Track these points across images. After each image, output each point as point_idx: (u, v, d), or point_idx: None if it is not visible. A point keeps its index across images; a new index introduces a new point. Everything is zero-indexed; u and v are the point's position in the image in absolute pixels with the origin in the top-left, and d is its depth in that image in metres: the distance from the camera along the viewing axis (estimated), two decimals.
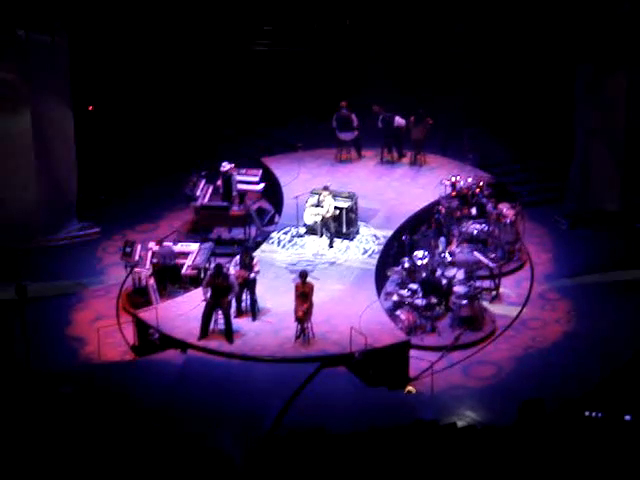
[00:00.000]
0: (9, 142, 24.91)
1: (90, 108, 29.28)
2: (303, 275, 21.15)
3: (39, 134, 25.02)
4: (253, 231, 25.67)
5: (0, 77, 24.44)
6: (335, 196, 24.85)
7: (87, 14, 27.02)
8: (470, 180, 26.13)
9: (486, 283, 23.74)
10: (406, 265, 23.09)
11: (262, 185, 26.93)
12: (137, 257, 23.31)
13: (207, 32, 30.65)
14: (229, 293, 21.04)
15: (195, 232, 25.80)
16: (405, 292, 22.44)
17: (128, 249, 23.44)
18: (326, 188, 24.67)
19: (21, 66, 24.51)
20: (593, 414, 15.17)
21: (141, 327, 21.41)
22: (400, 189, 26.96)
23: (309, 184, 26.30)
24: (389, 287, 23.56)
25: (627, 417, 14.85)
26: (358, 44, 31.24)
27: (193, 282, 23.07)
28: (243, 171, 26.85)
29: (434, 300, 22.35)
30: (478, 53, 30.20)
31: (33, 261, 24.73)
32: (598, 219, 25.98)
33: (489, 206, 25.17)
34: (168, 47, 30.36)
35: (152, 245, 23.62)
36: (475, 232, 24.48)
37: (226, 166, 26.06)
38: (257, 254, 23.32)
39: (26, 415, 17.80)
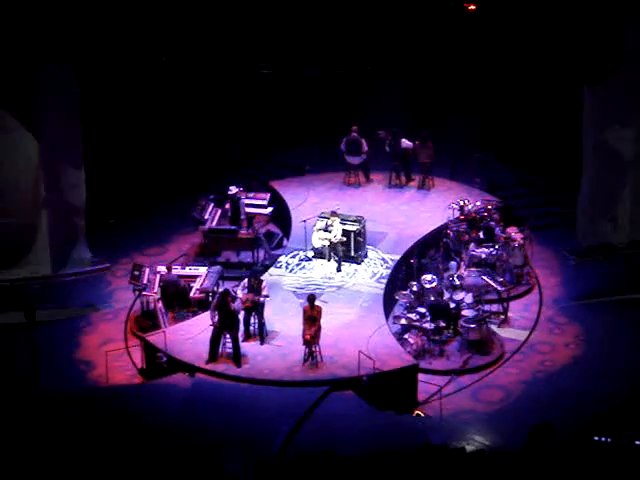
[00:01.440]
0: (17, 165, 24.92)
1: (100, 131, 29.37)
2: (311, 299, 21.16)
3: (48, 159, 25.04)
4: (261, 255, 25.68)
5: (8, 102, 24.50)
6: (343, 220, 24.87)
7: (96, 39, 27.11)
8: (478, 204, 26.15)
9: (494, 307, 23.72)
10: (414, 289, 23.07)
11: (270, 209, 26.96)
12: (145, 281, 23.34)
13: (215, 56, 30.76)
14: (237, 317, 21.05)
15: (203, 255, 25.82)
16: (413, 316, 22.41)
17: (136, 272, 23.47)
18: (334, 213, 24.69)
19: (30, 91, 24.55)
20: (603, 439, 15.11)
21: (149, 350, 21.41)
22: (408, 213, 26.97)
23: (317, 208, 26.33)
24: (397, 311, 23.54)
25: (638, 442, 14.79)
26: (366, 68, 31.33)
27: (201, 306, 23.07)
28: (251, 195, 26.90)
29: (442, 324, 22.32)
30: (487, 77, 30.24)
31: (42, 288, 24.72)
32: (605, 254, 25.65)
33: (497, 230, 25.17)
34: (177, 71, 30.46)
35: (161, 269, 23.65)
36: (483, 256, 24.47)
37: (234, 190, 26.11)
38: (265, 278, 23.33)
39: (33, 437, 17.79)
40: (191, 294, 23.25)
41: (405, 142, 27.98)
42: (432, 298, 22.77)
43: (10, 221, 24.91)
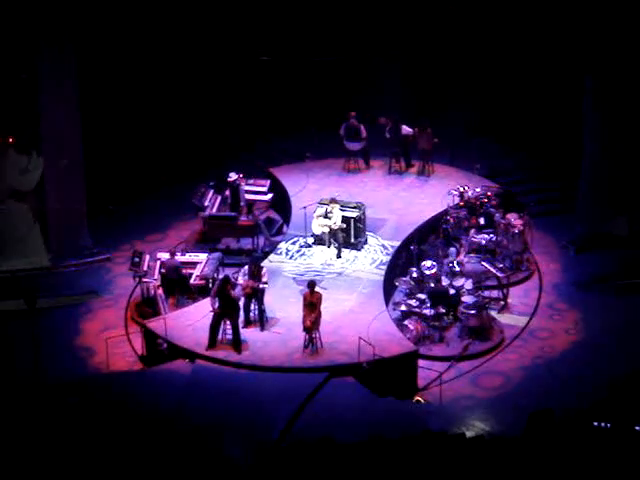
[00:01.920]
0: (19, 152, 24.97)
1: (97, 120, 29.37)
2: (311, 285, 21.17)
3: (48, 145, 25.05)
4: (261, 241, 25.69)
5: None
6: (343, 206, 24.87)
7: (95, 24, 27.07)
8: (478, 190, 26.15)
9: (494, 293, 23.74)
10: (414, 275, 23.09)
11: (270, 195, 26.96)
12: (146, 267, 23.35)
13: (215, 42, 30.69)
14: (237, 303, 21.08)
15: (203, 242, 25.82)
16: (413, 302, 22.44)
17: (137, 259, 23.48)
18: (334, 200, 24.68)
19: (30, 78, 24.55)
20: (602, 424, 15.15)
21: (149, 337, 21.44)
22: (408, 199, 26.96)
23: (317, 194, 26.33)
24: (397, 297, 23.57)
25: (637, 427, 14.83)
26: (366, 54, 31.27)
27: (201, 292, 23.09)
28: (251, 181, 26.91)
29: (442, 310, 22.35)
30: (486, 61, 30.17)
31: (42, 278, 24.73)
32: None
33: (497, 216, 25.17)
34: (176, 58, 30.40)
35: (163, 255, 23.67)
36: (483, 242, 24.48)
37: (234, 176, 26.11)
38: (265, 264, 23.34)
39: (34, 424, 17.83)
40: (191, 281, 23.28)
41: (405, 129, 27.95)
42: (432, 284, 22.79)
43: (8, 209, 24.95)
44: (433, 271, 23.03)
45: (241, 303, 21.45)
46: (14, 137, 25.05)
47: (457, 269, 23.42)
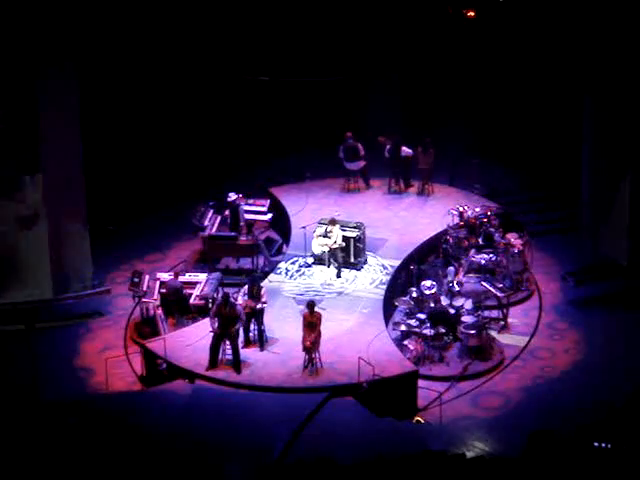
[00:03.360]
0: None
1: (99, 139, 29.40)
2: (311, 305, 21.17)
3: (48, 164, 25.00)
4: (261, 261, 25.68)
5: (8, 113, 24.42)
6: (343, 226, 24.89)
7: (96, 44, 27.12)
8: (478, 210, 26.15)
9: (494, 313, 23.71)
10: (414, 295, 23.08)
11: (270, 215, 26.98)
12: (145, 287, 23.35)
13: (214, 61, 30.76)
14: (236, 323, 21.06)
15: (203, 262, 25.83)
16: (413, 322, 22.42)
17: (136, 279, 23.48)
18: (333, 221, 24.69)
19: (30, 102, 24.49)
20: (603, 445, 15.10)
21: (149, 357, 21.42)
22: (408, 219, 26.98)
23: (317, 214, 26.35)
24: (397, 317, 23.55)
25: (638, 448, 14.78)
26: (365, 74, 31.34)
27: (201, 312, 23.08)
28: (251, 201, 26.93)
29: (442, 330, 22.32)
30: (486, 82, 30.25)
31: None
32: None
33: (497, 236, 25.17)
34: (177, 77, 30.48)
35: (162, 275, 23.65)
36: (483, 262, 24.46)
37: (233, 196, 26.14)
38: (265, 284, 23.33)
39: (33, 444, 17.78)
40: (191, 301, 23.27)
41: (405, 150, 28.01)
42: (432, 304, 22.78)
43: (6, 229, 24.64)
44: (433, 291, 23.01)
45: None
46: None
47: (456, 289, 23.41)
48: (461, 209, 25.99)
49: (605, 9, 24.10)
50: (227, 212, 26.26)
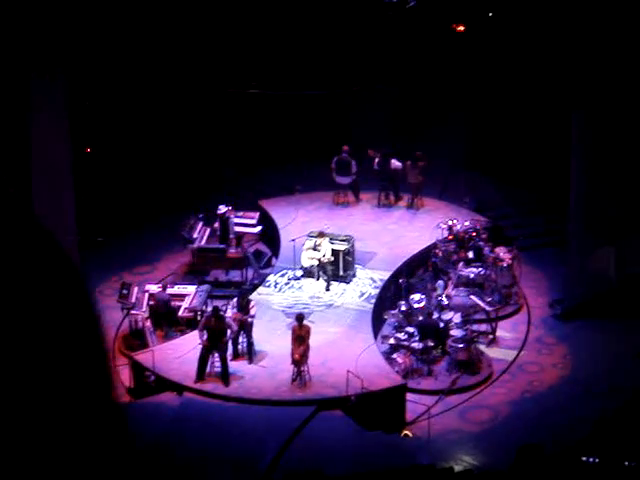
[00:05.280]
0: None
1: (87, 150, 29.36)
2: (300, 318, 21.15)
3: (38, 175, 24.95)
4: (250, 274, 25.66)
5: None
6: (332, 239, 24.89)
7: (87, 55, 27.11)
8: (467, 223, 26.20)
9: (483, 327, 23.73)
10: (403, 308, 23.08)
11: (259, 228, 26.98)
12: (134, 299, 23.30)
13: (204, 74, 30.79)
14: (225, 335, 21.03)
15: (192, 274, 25.79)
16: (402, 335, 22.41)
17: (125, 291, 23.43)
18: (322, 233, 24.70)
19: (20, 108, 24.48)
20: (590, 459, 15.12)
21: (137, 370, 21.35)
22: (397, 232, 27.00)
23: (306, 227, 26.34)
24: (386, 330, 23.54)
25: (626, 462, 14.79)
26: (356, 87, 31.41)
27: (190, 325, 23.04)
28: (240, 214, 26.91)
29: (431, 343, 22.32)
30: (476, 97, 30.33)
31: None
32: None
33: (486, 250, 25.21)
34: (166, 89, 30.49)
35: (151, 287, 23.62)
36: (472, 275, 24.50)
37: (223, 209, 26.13)
38: (254, 297, 23.31)
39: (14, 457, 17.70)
40: (179, 313, 23.23)
41: (394, 163, 28.04)
42: (420, 318, 22.78)
43: None
44: (422, 304, 23.02)
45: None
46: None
47: (445, 302, 23.42)
48: (450, 222, 26.02)
49: (594, 24, 24.18)
50: (217, 224, 26.24)
